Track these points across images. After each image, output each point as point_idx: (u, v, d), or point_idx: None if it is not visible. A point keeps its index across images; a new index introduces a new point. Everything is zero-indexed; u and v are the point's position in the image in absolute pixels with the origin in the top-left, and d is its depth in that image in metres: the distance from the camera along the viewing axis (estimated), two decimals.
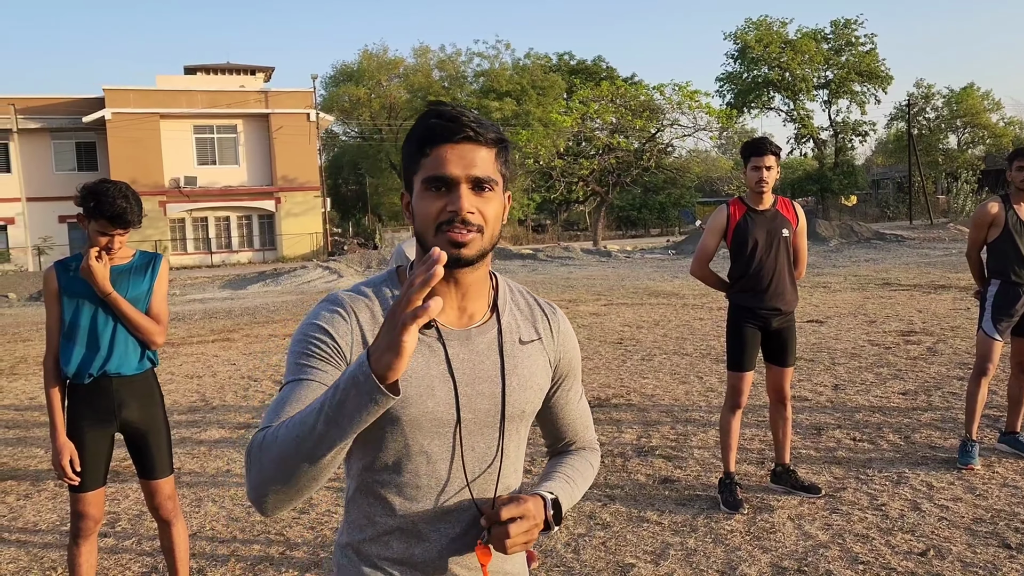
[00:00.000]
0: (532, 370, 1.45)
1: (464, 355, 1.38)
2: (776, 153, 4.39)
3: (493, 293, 1.46)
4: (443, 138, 1.31)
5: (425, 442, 1.36)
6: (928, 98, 54.56)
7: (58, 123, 37.32)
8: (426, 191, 1.32)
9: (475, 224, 1.30)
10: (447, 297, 1.38)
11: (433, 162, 1.31)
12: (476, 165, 1.31)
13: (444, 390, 1.36)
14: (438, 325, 1.38)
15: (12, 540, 4.42)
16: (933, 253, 22.99)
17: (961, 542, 3.79)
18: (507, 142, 1.37)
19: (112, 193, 2.93)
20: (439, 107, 1.34)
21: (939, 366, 7.66)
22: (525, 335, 1.46)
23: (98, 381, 3.05)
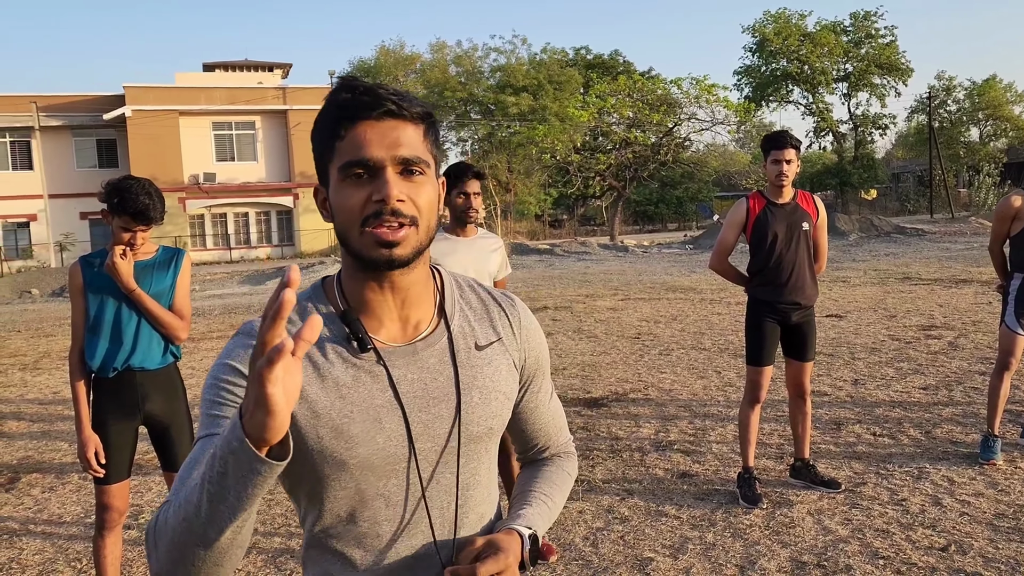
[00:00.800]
0: (494, 378, 1.24)
1: (413, 375, 1.18)
2: (796, 146, 4.36)
3: (439, 294, 1.26)
4: (360, 114, 1.10)
5: (380, 484, 1.16)
6: (949, 90, 53.96)
7: (79, 120, 37.68)
8: (344, 180, 1.10)
9: (407, 215, 1.10)
10: (384, 308, 1.18)
11: (351, 144, 1.10)
12: (402, 144, 1.10)
13: (393, 420, 1.15)
14: (375, 345, 1.16)
15: (38, 532, 4.49)
16: (954, 247, 22.76)
17: (983, 537, 3.77)
18: (434, 117, 1.17)
19: (135, 190, 2.97)
20: (349, 81, 1.13)
21: (960, 361, 7.59)
22: (482, 338, 1.25)
23: (122, 375, 3.09)
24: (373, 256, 1.11)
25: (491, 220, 36.88)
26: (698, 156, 41.89)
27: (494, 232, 29.97)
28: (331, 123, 1.12)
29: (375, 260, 1.11)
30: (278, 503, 4.74)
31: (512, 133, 44.44)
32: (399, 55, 51.38)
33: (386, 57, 51.03)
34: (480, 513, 1.25)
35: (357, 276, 1.17)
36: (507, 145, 45.00)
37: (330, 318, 1.18)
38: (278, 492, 4.93)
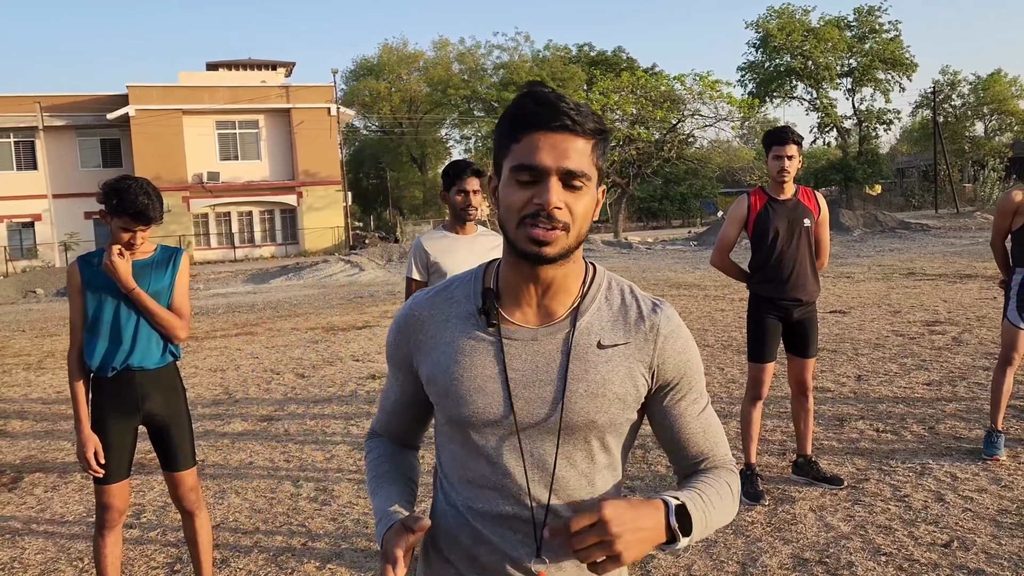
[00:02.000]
0: (607, 377, 1.30)
1: (526, 356, 1.31)
2: (798, 142, 4.34)
3: (584, 290, 1.35)
4: (537, 124, 1.22)
5: (482, 442, 1.31)
6: (954, 85, 53.79)
7: (83, 120, 37.77)
8: (513, 179, 1.23)
9: (561, 221, 1.21)
10: (525, 294, 1.32)
11: (524, 149, 1.22)
12: (570, 157, 1.21)
13: (495, 390, 1.30)
14: (501, 323, 1.32)
15: (40, 531, 4.50)
16: (959, 242, 22.69)
17: (986, 533, 3.75)
18: (607, 133, 1.27)
19: (134, 190, 2.96)
20: (536, 89, 1.24)
21: (964, 356, 7.56)
22: (607, 339, 1.32)
23: (121, 374, 3.09)
24: (525, 249, 1.24)
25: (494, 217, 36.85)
26: (702, 152, 41.79)
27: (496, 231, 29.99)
28: (511, 125, 1.25)
29: (525, 253, 1.25)
30: (280, 501, 4.74)
31: None
32: (402, 53, 51.41)
33: (389, 55, 51.05)
34: (571, 497, 1.31)
35: (509, 261, 1.32)
36: None
37: (477, 294, 1.36)
38: (280, 491, 4.94)
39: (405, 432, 1.50)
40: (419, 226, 40.68)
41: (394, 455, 1.48)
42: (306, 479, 5.14)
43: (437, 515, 1.41)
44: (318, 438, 6.11)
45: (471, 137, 51.68)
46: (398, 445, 1.51)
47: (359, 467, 5.32)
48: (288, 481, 5.12)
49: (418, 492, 1.58)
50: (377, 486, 1.41)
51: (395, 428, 1.50)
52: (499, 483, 1.30)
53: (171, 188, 36.31)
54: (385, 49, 51.54)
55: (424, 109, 49.77)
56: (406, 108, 50.40)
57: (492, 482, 1.31)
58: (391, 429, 1.51)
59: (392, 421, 1.49)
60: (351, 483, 5.00)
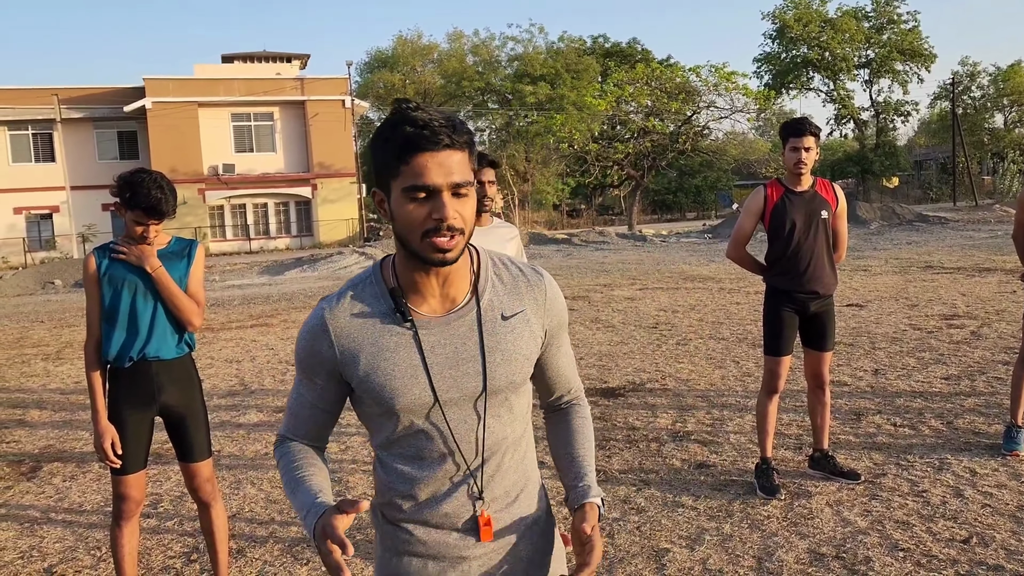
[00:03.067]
0: (516, 343, 1.52)
1: (444, 340, 1.48)
2: (815, 134, 4.29)
3: (474, 273, 1.53)
4: (422, 147, 1.36)
5: (420, 423, 1.48)
6: (973, 76, 53.19)
7: (100, 112, 38.00)
8: (407, 198, 1.38)
9: (458, 228, 1.38)
10: (428, 287, 1.48)
11: (414, 171, 1.36)
12: (455, 171, 1.37)
13: (425, 377, 1.46)
14: (413, 317, 1.47)
15: (59, 520, 4.54)
16: (978, 235, 22.46)
17: (1005, 529, 3.71)
18: (473, 138, 1.44)
19: (147, 184, 2.96)
20: (409, 111, 1.38)
21: (983, 351, 7.49)
22: (508, 309, 1.53)
23: (138, 365, 3.10)
24: (431, 258, 1.40)
25: (509, 210, 36.81)
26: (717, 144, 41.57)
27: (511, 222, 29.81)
28: (396, 149, 1.37)
29: (431, 261, 1.40)
30: None
31: (530, 122, 44.30)
32: (416, 45, 51.33)
33: (403, 47, 50.99)
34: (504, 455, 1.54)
35: (409, 265, 1.46)
36: (525, 134, 44.88)
37: (383, 293, 1.50)
38: None
39: (319, 432, 1.61)
40: None
41: (308, 455, 1.57)
42: None
43: (381, 491, 1.57)
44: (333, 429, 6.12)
45: (485, 129, 51.60)
46: (310, 446, 1.61)
47: (373, 458, 5.33)
48: None
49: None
50: (296, 484, 1.49)
51: (310, 430, 1.59)
52: (438, 452, 1.49)
53: (187, 180, 36.49)
54: (399, 41, 51.49)
55: (438, 101, 49.72)
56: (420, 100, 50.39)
57: (431, 452, 1.49)
58: (305, 432, 1.59)
59: (307, 424, 1.58)
60: (366, 474, 5.01)
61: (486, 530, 1.51)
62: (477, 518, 1.51)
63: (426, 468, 1.50)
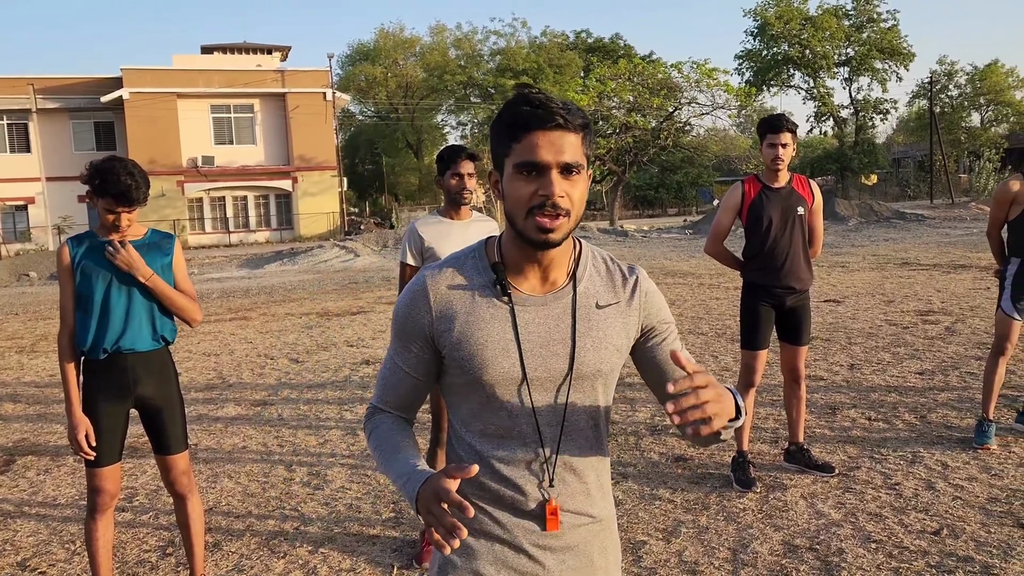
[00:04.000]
0: (607, 332, 1.53)
1: (539, 319, 1.50)
2: (792, 130, 4.33)
3: (575, 260, 1.55)
4: (535, 125, 1.38)
5: (505, 399, 1.48)
6: (951, 75, 53.69)
7: (76, 103, 37.49)
8: (518, 175, 1.41)
9: (564, 208, 1.40)
10: (530, 268, 1.50)
11: (525, 148, 1.39)
12: (565, 151, 1.39)
13: (515, 352, 1.47)
14: (512, 293, 1.49)
15: (32, 514, 4.49)
16: (954, 232, 22.73)
17: (975, 521, 3.77)
18: (591, 125, 1.45)
19: (117, 170, 2.93)
20: (528, 93, 1.41)
21: (957, 346, 7.59)
22: (603, 299, 1.54)
23: (113, 357, 3.07)
24: (534, 238, 1.42)
25: (491, 204, 36.78)
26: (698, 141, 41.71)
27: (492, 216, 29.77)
28: (510, 127, 1.41)
29: (534, 241, 1.42)
30: (273, 486, 4.74)
31: None
32: (398, 38, 51.10)
33: (385, 40, 50.75)
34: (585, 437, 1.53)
35: (515, 244, 1.49)
36: None
37: (485, 268, 1.53)
38: (273, 475, 4.94)
39: (410, 402, 1.60)
40: (414, 212, 40.58)
41: (401, 427, 1.58)
42: (299, 464, 5.14)
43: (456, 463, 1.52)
44: (312, 423, 6.11)
45: (467, 123, 51.50)
46: (400, 418, 1.60)
47: (352, 452, 5.32)
48: (281, 466, 5.13)
49: None
50: (392, 453, 1.49)
51: (401, 399, 1.59)
52: (517, 431, 1.49)
53: (165, 172, 36.15)
54: (381, 34, 51.24)
55: (420, 95, 49.56)
56: (402, 94, 50.17)
57: (511, 431, 1.49)
58: (397, 401, 1.59)
59: (398, 392, 1.58)
60: (344, 468, 5.01)
61: (552, 519, 1.50)
62: (545, 505, 1.50)
63: (503, 447, 1.50)
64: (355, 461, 5.13)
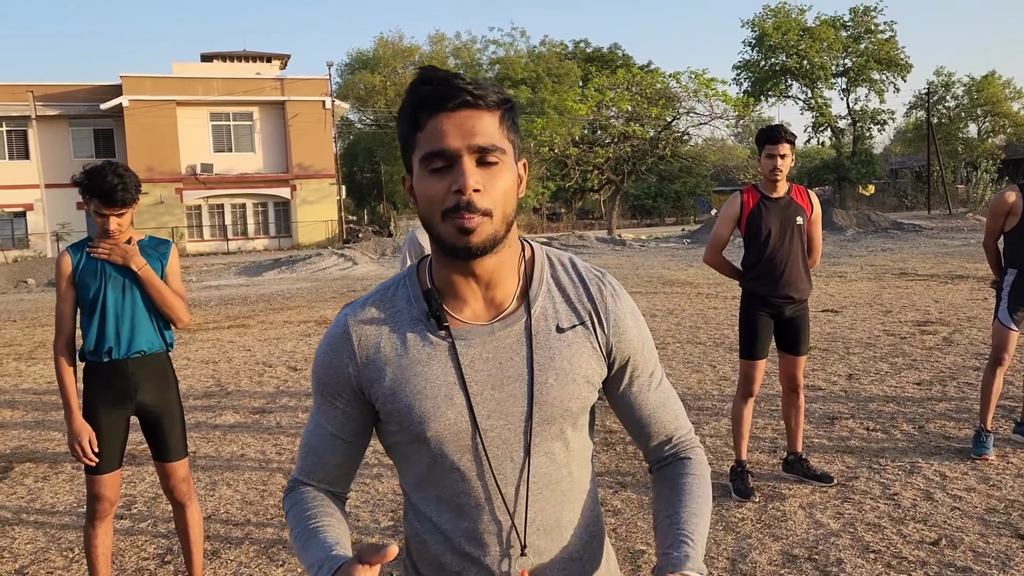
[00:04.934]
0: (573, 361, 1.24)
1: (487, 354, 1.22)
2: (791, 141, 4.35)
3: (526, 275, 1.27)
4: (438, 106, 1.13)
5: (455, 458, 1.21)
6: (948, 86, 53.91)
7: (76, 110, 37.57)
8: (426, 170, 1.15)
9: (480, 208, 1.13)
10: (468, 289, 1.22)
11: (429, 135, 1.14)
12: (477, 133, 1.13)
13: (461, 399, 1.20)
14: (450, 324, 1.22)
15: (30, 521, 4.49)
16: (951, 243, 22.78)
17: (974, 532, 3.78)
18: (512, 102, 1.19)
19: (104, 171, 2.94)
20: (428, 72, 1.17)
21: (955, 356, 7.60)
22: (564, 320, 1.25)
23: (114, 363, 3.08)
24: (454, 243, 1.15)
25: None
26: (696, 150, 41.82)
27: None
28: (411, 114, 1.16)
29: (454, 248, 1.16)
30: (271, 494, 4.74)
31: None
32: (398, 47, 51.23)
33: (385, 48, 50.88)
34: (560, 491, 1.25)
35: (443, 260, 1.22)
36: None
37: (416, 297, 1.25)
38: (272, 483, 4.93)
39: (340, 472, 1.31)
40: (413, 220, 40.59)
41: (322, 502, 1.29)
42: None
43: (413, 541, 1.31)
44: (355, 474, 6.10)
45: None
46: (327, 491, 1.32)
47: None
48: (280, 473, 5.12)
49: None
50: (307, 536, 1.20)
51: (329, 468, 1.30)
52: (474, 495, 1.22)
53: (164, 179, 36.20)
54: (381, 43, 51.38)
55: None
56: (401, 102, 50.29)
57: (469, 496, 1.22)
58: (324, 472, 1.31)
59: (325, 461, 1.29)
60: None
61: None
62: None
63: (464, 515, 1.23)
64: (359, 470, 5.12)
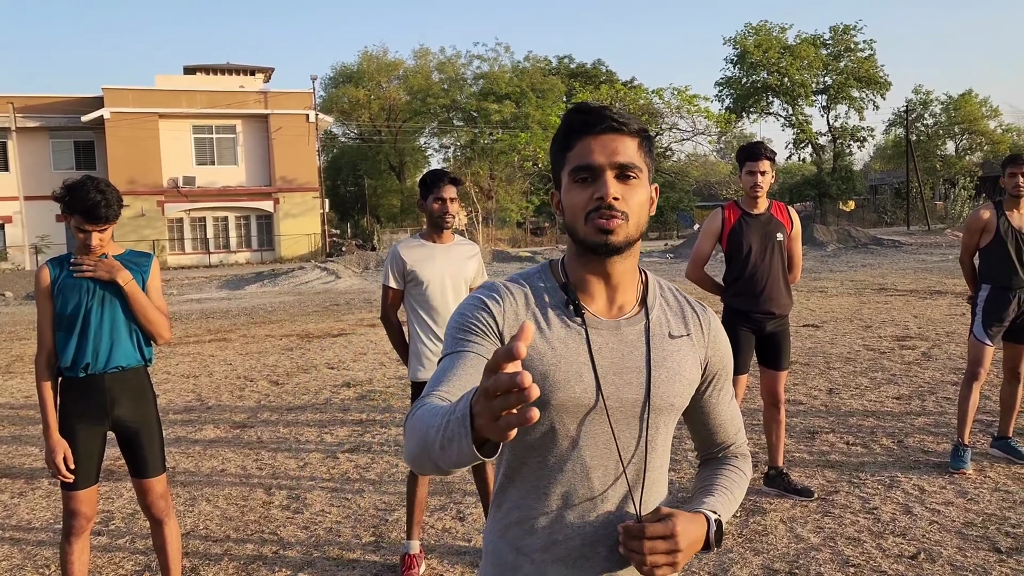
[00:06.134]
0: (680, 364, 1.44)
1: (612, 344, 1.40)
2: (771, 158, 4.40)
3: (643, 287, 1.47)
4: (586, 130, 1.35)
5: (572, 427, 1.37)
6: (926, 104, 54.66)
7: (57, 122, 37.30)
8: (573, 183, 1.36)
9: (620, 210, 1.33)
10: (597, 288, 1.42)
11: (578, 153, 1.35)
12: (619, 152, 1.34)
13: (590, 376, 1.37)
14: (585, 313, 1.40)
15: (6, 537, 4.42)
16: (930, 259, 23.03)
17: (952, 546, 3.81)
18: (649, 133, 1.40)
19: (87, 187, 2.92)
20: (581, 104, 1.39)
21: (933, 371, 7.68)
22: (675, 330, 1.46)
23: (91, 378, 3.05)
24: (594, 241, 1.35)
25: (473, 227, 36.84)
26: (679, 166, 42.19)
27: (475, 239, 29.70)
28: (563, 138, 1.38)
29: (595, 244, 1.35)
30: (252, 509, 4.70)
31: (494, 140, 44.49)
32: (382, 61, 51.34)
33: (369, 63, 50.97)
34: (652, 479, 1.43)
35: (579, 260, 1.42)
36: (489, 152, 45.03)
37: (554, 288, 1.44)
38: (252, 499, 4.89)
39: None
40: (396, 234, 40.55)
41: None
42: (279, 487, 5.10)
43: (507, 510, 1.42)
44: (291, 446, 6.06)
45: (450, 146, 51.68)
46: None
47: (332, 475, 5.29)
48: (260, 489, 5.08)
49: None
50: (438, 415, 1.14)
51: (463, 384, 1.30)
52: (589, 464, 1.37)
53: (146, 192, 35.97)
54: (365, 56, 51.46)
55: (403, 117, 49.72)
56: (385, 116, 50.31)
57: (581, 465, 1.37)
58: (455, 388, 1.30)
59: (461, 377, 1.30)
60: (324, 491, 4.97)
61: None
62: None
63: (566, 485, 1.38)
64: (335, 484, 5.09)
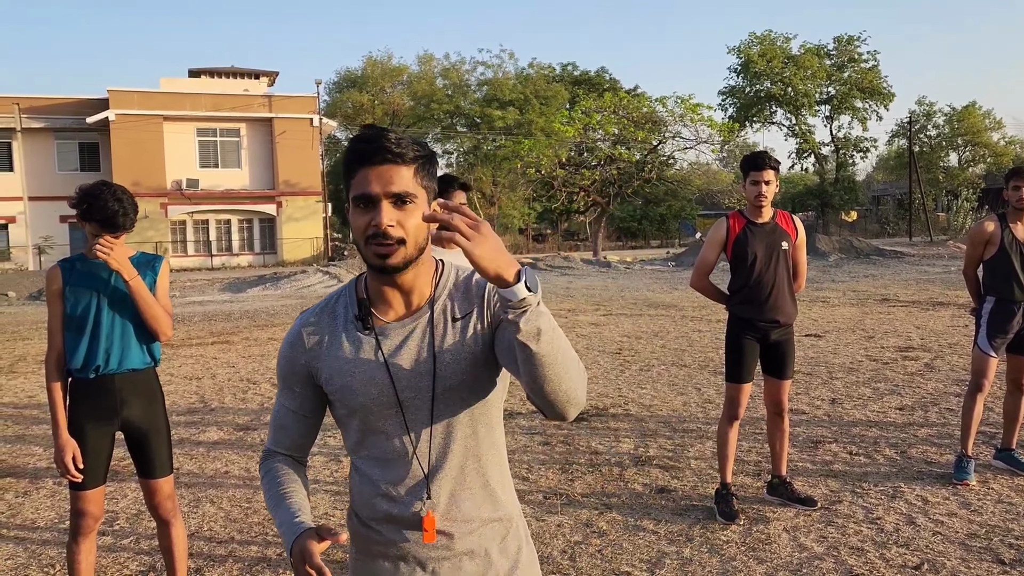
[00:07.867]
0: (463, 340, 1.59)
1: (402, 343, 1.59)
2: (775, 167, 4.42)
3: (436, 282, 1.63)
4: (365, 160, 1.49)
5: (379, 423, 1.60)
6: (929, 116, 54.70)
7: (62, 123, 37.39)
8: (355, 208, 1.51)
9: (395, 237, 1.48)
10: (392, 296, 1.60)
11: (358, 182, 1.50)
12: (394, 183, 1.48)
13: (383, 377, 1.58)
14: (376, 323, 1.60)
15: (10, 537, 4.44)
16: (932, 270, 23.03)
17: (955, 557, 3.82)
18: (428, 157, 1.53)
19: (105, 196, 2.95)
20: (365, 131, 1.53)
21: (936, 382, 7.68)
22: (459, 311, 1.61)
23: (101, 378, 3.07)
24: (374, 264, 1.52)
25: None
26: (682, 174, 42.17)
27: None
28: (347, 165, 1.53)
29: (376, 267, 1.53)
30: (255, 511, 4.71)
31: (497, 147, 44.55)
32: (386, 66, 51.42)
33: (373, 68, 51.06)
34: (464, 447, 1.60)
35: (372, 275, 1.61)
36: (492, 158, 45.10)
37: (353, 303, 1.64)
38: (255, 501, 4.91)
39: (301, 442, 1.72)
40: None
41: (289, 472, 1.69)
42: None
43: (354, 492, 1.67)
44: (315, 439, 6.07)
45: (453, 152, 51.73)
46: (292, 461, 1.73)
47: (335, 478, 5.30)
48: None
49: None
50: (278, 500, 1.61)
51: (292, 439, 1.71)
52: (394, 450, 1.59)
53: (149, 194, 36.01)
54: (369, 62, 51.55)
55: (407, 123, 49.78)
56: (389, 121, 50.37)
57: (389, 451, 1.59)
58: (289, 442, 1.71)
59: (289, 433, 1.71)
60: (327, 494, 4.98)
61: (427, 533, 1.57)
62: (423, 518, 1.57)
63: (389, 469, 1.59)
64: (338, 487, 5.10)
